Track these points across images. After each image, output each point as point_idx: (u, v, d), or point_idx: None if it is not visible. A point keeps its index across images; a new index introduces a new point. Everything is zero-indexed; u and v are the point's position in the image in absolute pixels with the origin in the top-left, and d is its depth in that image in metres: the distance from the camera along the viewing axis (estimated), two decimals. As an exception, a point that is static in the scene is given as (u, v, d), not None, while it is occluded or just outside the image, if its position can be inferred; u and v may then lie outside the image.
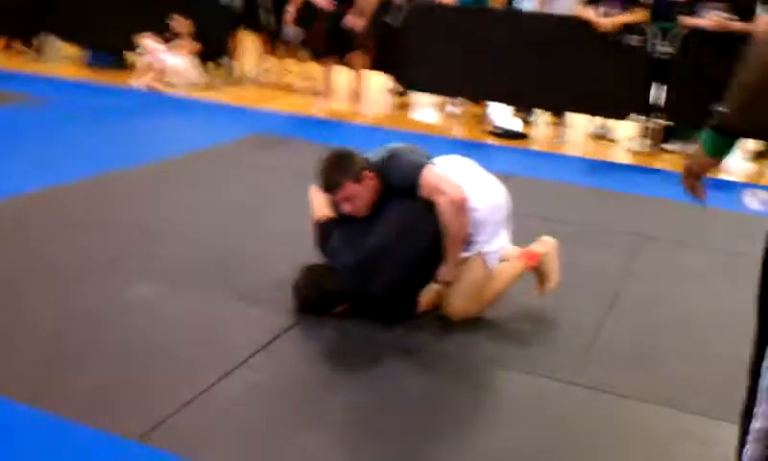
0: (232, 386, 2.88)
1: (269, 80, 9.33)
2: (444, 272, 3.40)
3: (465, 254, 3.42)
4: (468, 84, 7.74)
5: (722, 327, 3.64)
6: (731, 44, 6.50)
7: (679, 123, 7.07)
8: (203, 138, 6.47)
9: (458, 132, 7.55)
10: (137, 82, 8.50)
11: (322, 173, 3.40)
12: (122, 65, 9.23)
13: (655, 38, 6.85)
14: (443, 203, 3.25)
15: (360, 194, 3.35)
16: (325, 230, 3.49)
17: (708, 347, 3.45)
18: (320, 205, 3.57)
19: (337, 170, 3.35)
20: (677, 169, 6.67)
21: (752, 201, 5.76)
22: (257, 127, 7.10)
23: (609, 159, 7.07)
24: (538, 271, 3.65)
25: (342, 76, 8.36)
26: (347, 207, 3.38)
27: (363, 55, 7.91)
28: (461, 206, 3.27)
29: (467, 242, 3.40)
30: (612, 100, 7.14)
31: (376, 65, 8.21)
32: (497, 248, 3.49)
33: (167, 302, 3.53)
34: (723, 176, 6.45)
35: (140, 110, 7.54)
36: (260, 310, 3.47)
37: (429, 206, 3.29)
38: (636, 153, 7.21)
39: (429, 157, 3.42)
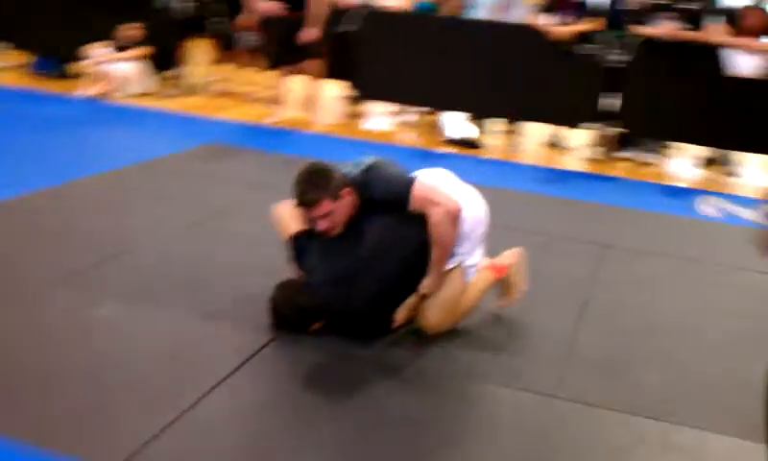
0: (208, 411, 2.78)
1: (220, 88, 9.19)
2: (427, 283, 3.35)
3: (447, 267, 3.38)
4: (421, 92, 7.73)
5: (687, 333, 3.71)
6: (683, 53, 6.66)
7: (633, 131, 7.16)
8: (154, 148, 6.30)
9: (412, 140, 7.53)
10: (85, 91, 8.28)
11: (297, 189, 3.26)
12: (66, 74, 8.98)
13: (609, 47, 6.91)
14: (437, 214, 3.18)
15: (337, 211, 3.24)
16: (299, 246, 3.41)
17: (678, 354, 3.49)
18: (289, 219, 3.49)
19: (314, 187, 3.21)
20: (631, 176, 6.77)
21: (706, 207, 5.87)
22: (209, 136, 6.96)
23: (564, 167, 7.13)
24: (504, 282, 3.66)
25: (296, 84, 8.27)
26: (322, 224, 3.26)
27: (318, 63, 7.84)
28: (456, 217, 3.22)
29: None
30: (567, 108, 7.19)
31: (332, 73, 8.14)
32: (476, 261, 3.47)
33: (134, 317, 3.41)
34: (676, 183, 6.57)
35: (89, 120, 7.34)
36: (232, 327, 3.38)
37: (411, 220, 3.23)
38: (590, 160, 7.28)
39: (407, 171, 3.36)
